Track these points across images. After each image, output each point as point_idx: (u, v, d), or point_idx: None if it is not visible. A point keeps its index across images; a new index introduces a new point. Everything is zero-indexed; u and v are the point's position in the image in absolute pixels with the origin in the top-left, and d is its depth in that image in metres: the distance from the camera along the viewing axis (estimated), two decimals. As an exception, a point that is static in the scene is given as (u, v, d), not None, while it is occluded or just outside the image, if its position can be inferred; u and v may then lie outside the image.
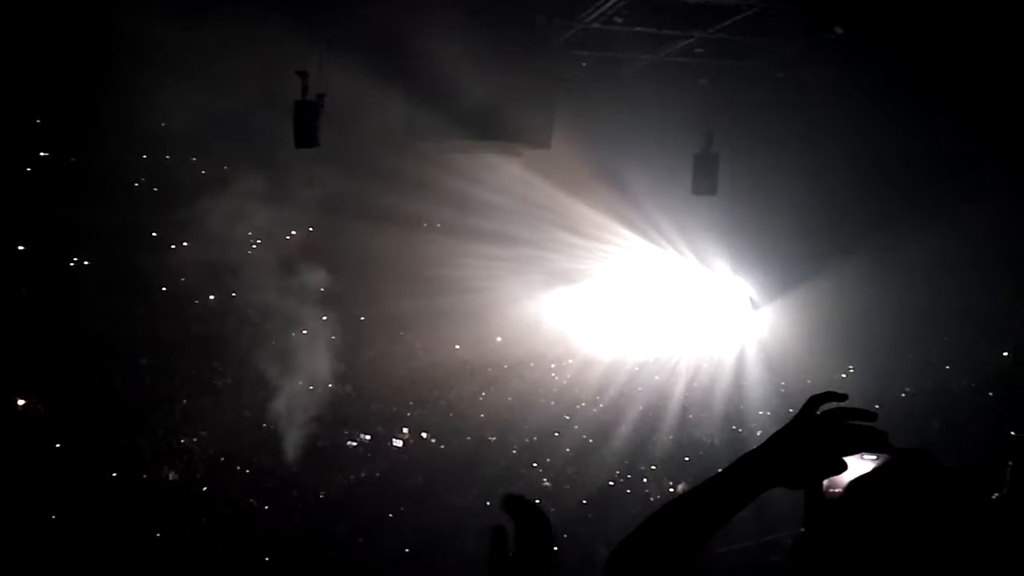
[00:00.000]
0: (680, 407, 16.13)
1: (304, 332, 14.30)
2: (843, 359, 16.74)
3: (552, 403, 15.89)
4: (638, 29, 10.45)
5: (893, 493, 1.30)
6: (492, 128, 10.66)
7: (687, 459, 14.71)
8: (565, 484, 13.79)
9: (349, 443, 14.11)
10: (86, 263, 14.25)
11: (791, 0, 9.66)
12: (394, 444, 14.29)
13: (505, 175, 13.77)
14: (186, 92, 10.26)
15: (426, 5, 9.34)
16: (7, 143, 12.77)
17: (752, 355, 17.17)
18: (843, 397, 1.40)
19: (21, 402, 12.52)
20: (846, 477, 1.36)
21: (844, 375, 16.48)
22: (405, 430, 14.50)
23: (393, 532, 11.91)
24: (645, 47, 11.33)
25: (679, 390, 16.51)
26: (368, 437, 14.23)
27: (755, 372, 17.00)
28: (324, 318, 14.36)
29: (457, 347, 16.19)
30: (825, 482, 1.36)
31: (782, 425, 1.42)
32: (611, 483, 14.02)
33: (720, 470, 1.42)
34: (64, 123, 12.59)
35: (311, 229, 14.86)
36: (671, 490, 14.05)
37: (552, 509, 13.08)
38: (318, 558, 11.26)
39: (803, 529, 1.36)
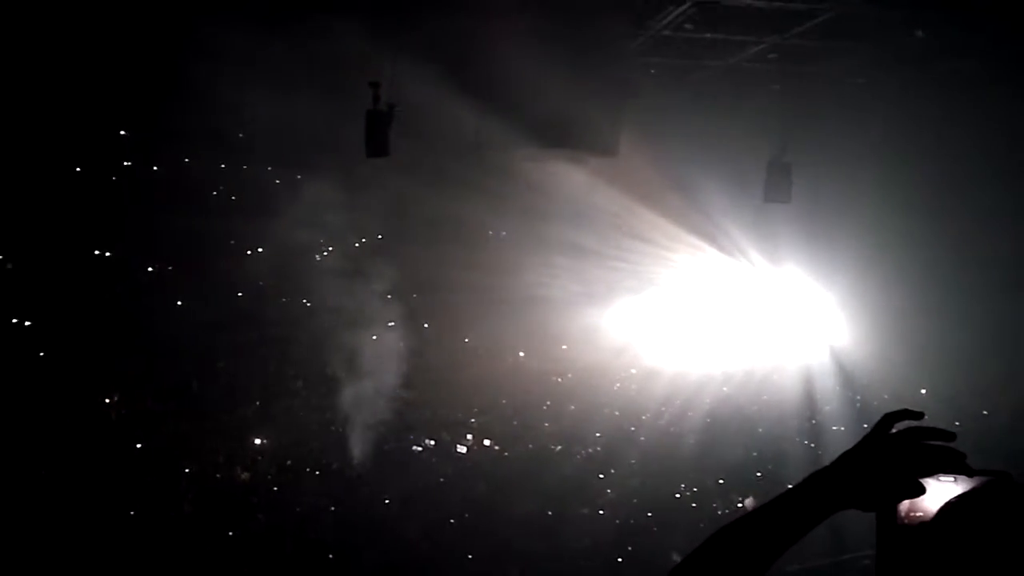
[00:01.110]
0: (749, 420, 15.77)
1: (373, 337, 14.53)
2: (922, 373, 16.12)
3: (617, 413, 15.73)
4: (709, 36, 10.31)
5: (981, 519, 1.24)
6: (559, 136, 10.67)
7: (759, 474, 14.34)
8: (630, 495, 13.63)
9: (414, 448, 14.26)
10: (168, 268, 14.78)
11: (869, 3, 9.38)
12: (458, 450, 14.37)
13: (572, 183, 13.74)
14: (262, 102, 10.58)
15: (495, 14, 9.41)
16: (93, 153, 13.40)
17: (826, 368, 16.67)
18: (919, 415, 1.34)
19: (105, 402, 13.05)
20: (926, 500, 1.30)
21: (924, 390, 15.86)
22: (469, 436, 14.58)
23: (457, 537, 11.98)
24: (716, 53, 11.17)
25: (748, 402, 16.16)
26: (432, 442, 14.35)
27: (829, 386, 16.49)
28: (391, 324, 14.56)
29: (521, 354, 16.20)
30: (904, 505, 1.30)
31: (856, 441, 1.37)
32: (677, 495, 13.80)
33: (789, 487, 1.38)
34: (147, 133, 13.12)
35: (380, 236, 15.12)
36: (739, 504, 13.74)
37: (616, 520, 12.95)
38: (384, 561, 11.40)
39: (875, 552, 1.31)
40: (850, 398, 16.21)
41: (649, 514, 13.18)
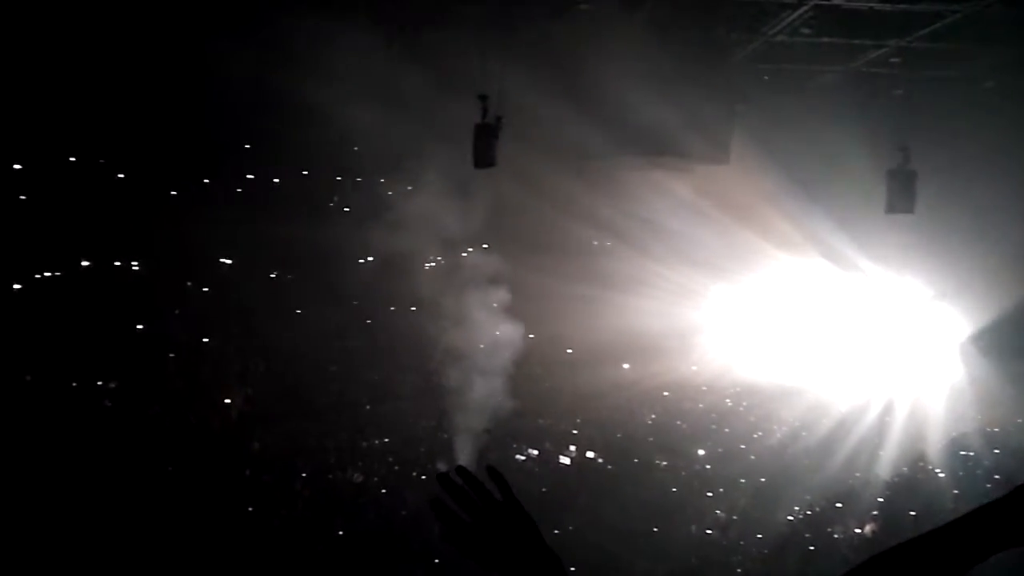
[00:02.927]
0: (868, 442, 14.96)
1: (481, 346, 14.71)
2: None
3: (726, 430, 15.30)
4: (827, 39, 9.95)
5: None
6: (667, 145, 10.50)
7: (880, 500, 13.55)
8: (739, 515, 13.18)
9: (517, 456, 14.30)
10: (288, 276, 15.48)
11: (1003, 3, 8.81)
12: (561, 460, 14.31)
13: (680, 193, 13.51)
14: (376, 117, 10.94)
15: (605, 22, 9.39)
16: (220, 166, 14.24)
17: (955, 390, 15.66)
18: None
19: (227, 402, 13.76)
20: None
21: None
22: (572, 447, 14.50)
23: (559, 549, 11.90)
24: (834, 58, 10.77)
25: (868, 424, 15.34)
26: (536, 452, 14.37)
27: (957, 409, 15.48)
28: (497, 332, 14.70)
29: (625, 366, 16.01)
30: None
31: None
32: (789, 517, 13.24)
33: (954, 519, 1.28)
34: (268, 148, 13.81)
35: (485, 246, 15.32)
36: (857, 531, 13.05)
37: (724, 542, 12.55)
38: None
39: None
40: (980, 422, 15.16)
41: (759, 536, 12.71)
